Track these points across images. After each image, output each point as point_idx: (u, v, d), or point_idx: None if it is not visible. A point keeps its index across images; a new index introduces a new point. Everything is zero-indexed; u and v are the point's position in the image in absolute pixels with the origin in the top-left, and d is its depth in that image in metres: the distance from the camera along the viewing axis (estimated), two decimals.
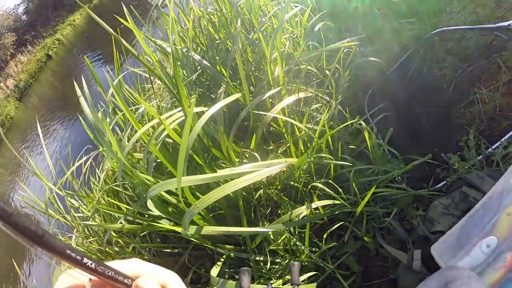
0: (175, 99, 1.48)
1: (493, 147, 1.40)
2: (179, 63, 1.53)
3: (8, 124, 15.61)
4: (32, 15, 24.90)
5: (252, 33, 1.58)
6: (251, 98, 1.33)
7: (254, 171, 0.96)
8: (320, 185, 1.26)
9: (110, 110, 1.69)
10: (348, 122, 1.29)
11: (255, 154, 1.18)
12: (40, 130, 2.53)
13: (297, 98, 1.30)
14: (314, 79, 1.67)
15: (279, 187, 1.38)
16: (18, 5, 26.14)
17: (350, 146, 1.46)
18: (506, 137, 1.39)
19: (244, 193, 1.36)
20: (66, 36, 20.70)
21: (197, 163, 1.26)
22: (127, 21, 1.53)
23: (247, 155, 1.29)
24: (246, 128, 1.50)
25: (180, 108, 1.15)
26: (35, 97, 16.49)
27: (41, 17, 23.82)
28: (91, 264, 0.29)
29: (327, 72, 1.58)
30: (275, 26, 1.45)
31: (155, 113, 1.06)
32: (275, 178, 1.36)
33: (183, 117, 1.13)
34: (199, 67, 1.59)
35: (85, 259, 0.28)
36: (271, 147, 1.49)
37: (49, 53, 19.76)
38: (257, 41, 1.55)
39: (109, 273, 0.30)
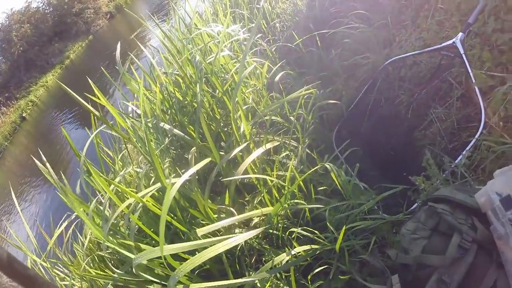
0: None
1: (456, 161, 1.44)
2: (149, 125, 1.60)
3: None
4: (4, 77, 24.81)
5: (217, 91, 1.68)
6: (223, 154, 1.40)
7: (232, 237, 1.01)
8: (298, 230, 1.31)
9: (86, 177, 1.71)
10: (316, 167, 1.36)
11: (231, 209, 1.23)
12: (15, 198, 2.52)
13: (265, 149, 1.38)
14: (280, 127, 1.76)
15: (260, 236, 1.42)
16: None
17: (321, 188, 1.53)
18: (467, 148, 1.44)
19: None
20: (39, 98, 20.68)
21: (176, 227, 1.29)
22: (98, 97, 1.61)
23: (224, 210, 1.34)
24: (221, 182, 1.56)
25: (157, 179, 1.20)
26: (10, 159, 16.08)
27: (14, 79, 23.77)
28: None
29: (292, 118, 1.68)
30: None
31: (133, 194, 1.12)
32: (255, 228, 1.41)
33: (160, 185, 1.18)
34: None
35: None
36: (247, 199, 1.55)
37: (23, 115, 19.59)
38: (222, 99, 1.65)
39: None
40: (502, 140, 1.39)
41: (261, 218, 1.32)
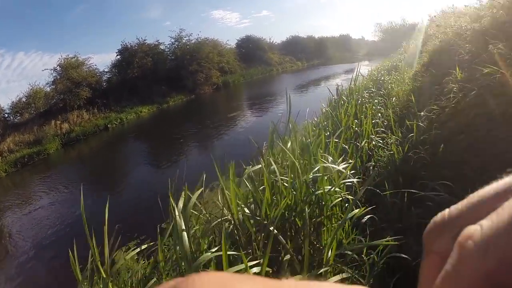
0: None
1: None
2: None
3: (39, 159, 17.23)
4: (111, 87, 27.48)
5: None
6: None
7: None
8: None
9: None
10: None
11: None
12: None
13: (341, 277, 1.65)
14: (355, 262, 2.04)
15: None
16: (105, 72, 29.39)
17: None
18: None
19: None
20: (128, 121, 22.89)
21: None
22: None
23: None
24: None
25: None
26: (75, 152, 17.92)
27: (116, 93, 25.98)
28: None
29: (364, 257, 1.95)
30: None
31: None
32: None
33: None
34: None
35: None
36: None
37: (108, 125, 21.78)
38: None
39: None
40: None
41: None
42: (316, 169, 2.19)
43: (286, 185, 2.06)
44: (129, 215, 6.46)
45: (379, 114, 4.74)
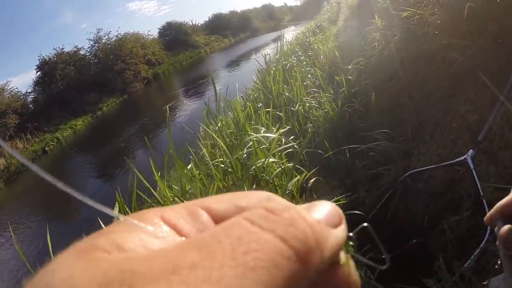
0: None
1: (464, 266, 1.51)
2: None
3: None
4: (37, 107, 25.53)
5: None
6: None
7: None
8: None
9: None
10: None
11: None
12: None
13: None
14: None
15: None
16: (29, 93, 27.14)
17: None
18: (474, 254, 1.48)
19: None
20: (65, 138, 21.42)
21: None
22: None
23: None
24: None
25: None
26: (20, 186, 16.41)
27: (46, 112, 24.15)
28: None
29: None
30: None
31: None
32: None
33: None
34: None
35: None
36: None
37: (46, 149, 20.23)
38: None
39: None
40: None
41: None
42: (249, 144, 2.08)
43: (223, 166, 1.94)
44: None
45: (309, 75, 4.75)
